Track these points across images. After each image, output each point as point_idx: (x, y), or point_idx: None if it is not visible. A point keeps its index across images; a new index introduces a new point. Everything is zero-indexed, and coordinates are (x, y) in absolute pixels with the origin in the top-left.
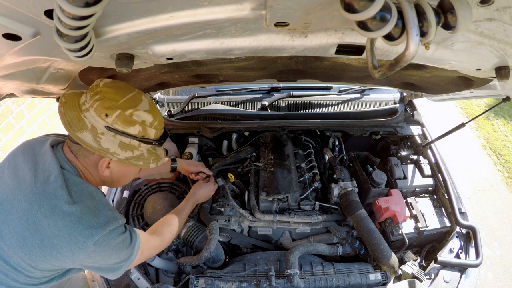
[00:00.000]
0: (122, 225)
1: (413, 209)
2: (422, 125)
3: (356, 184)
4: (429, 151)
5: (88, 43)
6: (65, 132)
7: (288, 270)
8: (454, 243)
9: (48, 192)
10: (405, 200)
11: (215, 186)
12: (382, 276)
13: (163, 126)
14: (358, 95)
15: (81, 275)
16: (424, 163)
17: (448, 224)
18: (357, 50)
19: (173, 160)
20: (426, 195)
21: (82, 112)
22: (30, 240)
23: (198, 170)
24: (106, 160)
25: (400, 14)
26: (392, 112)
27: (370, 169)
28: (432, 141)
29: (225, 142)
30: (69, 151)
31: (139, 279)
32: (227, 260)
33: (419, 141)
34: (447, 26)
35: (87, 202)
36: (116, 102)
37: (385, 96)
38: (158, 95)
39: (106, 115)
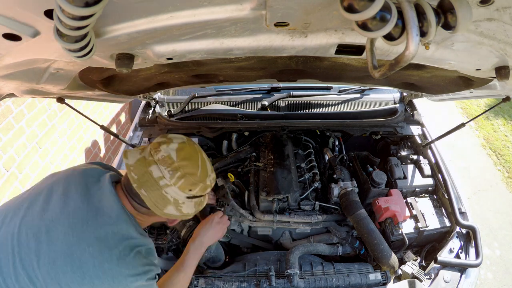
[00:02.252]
0: (156, 275)
1: (413, 209)
2: (422, 125)
3: (356, 184)
4: (429, 151)
5: (88, 43)
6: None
7: (288, 270)
8: (454, 243)
9: (104, 231)
10: (405, 200)
11: (225, 222)
12: (382, 276)
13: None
14: (358, 95)
15: None
16: (424, 163)
17: (448, 224)
18: (357, 50)
19: None
20: (426, 195)
21: (162, 188)
22: (70, 276)
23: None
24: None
25: (400, 14)
26: (392, 112)
27: (370, 169)
28: (432, 141)
29: (225, 142)
30: (128, 204)
31: None
32: (227, 260)
33: (419, 141)
34: (447, 26)
35: (136, 244)
36: (196, 176)
37: (385, 96)
38: (158, 95)
39: (190, 190)
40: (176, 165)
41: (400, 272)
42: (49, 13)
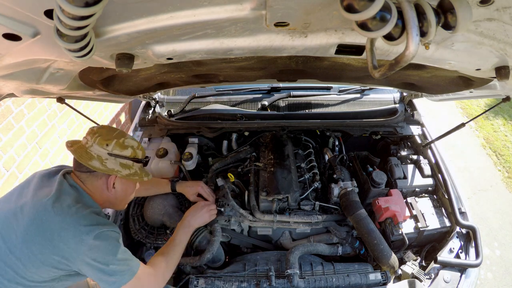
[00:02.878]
0: (120, 236)
1: (413, 209)
2: (422, 125)
3: (356, 184)
4: (429, 151)
5: (88, 43)
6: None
7: (288, 270)
8: (454, 243)
9: (61, 199)
10: (405, 200)
11: (213, 211)
12: (382, 276)
13: (144, 151)
14: (358, 95)
15: (83, 283)
16: (424, 163)
17: (448, 224)
18: (357, 50)
19: (173, 181)
20: (426, 195)
21: (87, 148)
22: (39, 241)
23: (197, 191)
24: (112, 178)
25: (400, 14)
26: (392, 112)
27: (370, 169)
28: (432, 141)
29: (225, 142)
30: (77, 179)
31: None
32: (227, 260)
33: (419, 141)
34: (447, 26)
35: (93, 210)
36: (111, 135)
37: (385, 96)
38: (158, 95)
39: (107, 145)
40: (94, 131)
41: (400, 272)
42: (49, 13)
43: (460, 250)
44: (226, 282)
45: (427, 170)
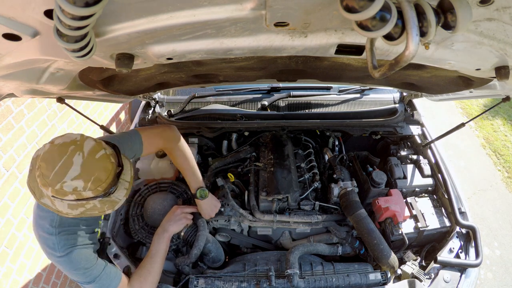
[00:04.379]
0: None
1: (413, 209)
2: (422, 125)
3: (356, 184)
4: (429, 151)
5: (88, 43)
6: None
7: (288, 270)
8: (454, 243)
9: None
10: (405, 200)
11: (189, 215)
12: (382, 276)
13: (104, 180)
14: (358, 95)
15: None
16: (424, 163)
17: (448, 224)
18: (357, 50)
19: (199, 192)
20: (426, 195)
21: (38, 182)
22: None
23: (210, 217)
24: None
25: (400, 14)
26: (392, 112)
27: (370, 169)
28: (432, 141)
29: (225, 142)
30: None
31: None
32: (227, 260)
33: (419, 141)
34: (447, 26)
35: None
36: (48, 178)
37: (385, 96)
38: (158, 95)
39: (46, 190)
40: (37, 164)
41: (400, 272)
42: (49, 13)
43: (460, 250)
44: (226, 282)
45: (427, 170)
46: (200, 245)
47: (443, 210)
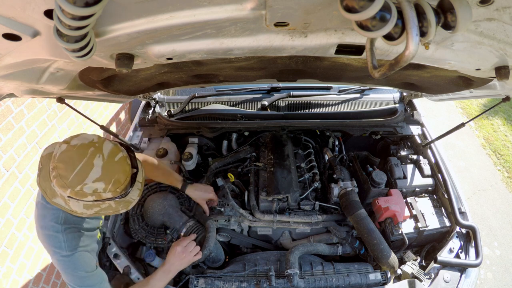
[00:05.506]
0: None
1: (413, 209)
2: (422, 125)
3: (356, 184)
4: (429, 151)
5: (88, 43)
6: None
7: (288, 270)
8: (454, 243)
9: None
10: (405, 200)
11: (197, 249)
12: (382, 276)
13: (122, 181)
14: (358, 95)
15: None
16: (424, 163)
17: (448, 224)
18: (357, 50)
19: (185, 183)
20: (426, 195)
21: (52, 181)
22: None
23: (207, 198)
24: None
25: (400, 14)
26: (392, 112)
27: (370, 169)
28: (432, 141)
29: (225, 142)
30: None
31: (139, 279)
32: (227, 260)
33: (419, 141)
34: (447, 26)
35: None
36: (67, 180)
37: (385, 96)
38: (158, 95)
39: (64, 190)
40: (54, 164)
41: (400, 272)
42: (49, 13)
43: (460, 250)
44: (226, 282)
45: (427, 170)
46: (210, 245)
47: (443, 210)
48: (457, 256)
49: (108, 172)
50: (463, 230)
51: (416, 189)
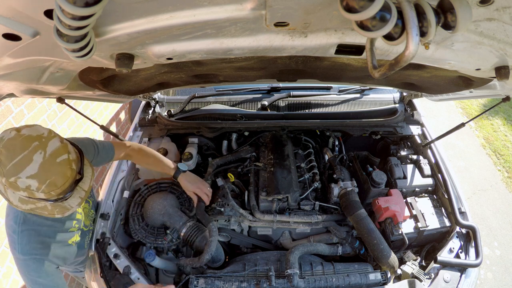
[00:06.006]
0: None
1: (413, 209)
2: (422, 125)
3: (356, 184)
4: (429, 151)
5: (88, 43)
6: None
7: (288, 270)
8: (454, 243)
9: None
10: (405, 200)
11: None
12: (382, 276)
13: (59, 185)
14: (358, 95)
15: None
16: (424, 163)
17: (448, 224)
18: (357, 50)
19: (178, 170)
20: (426, 195)
21: None
22: None
23: (195, 190)
24: None
25: (400, 14)
26: (392, 112)
27: (370, 169)
28: (432, 141)
29: (225, 142)
30: None
31: (139, 279)
32: (227, 260)
33: (419, 141)
34: (447, 26)
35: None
36: (4, 167)
37: (385, 96)
38: (158, 95)
39: (1, 178)
40: (1, 145)
41: (400, 272)
42: (49, 13)
43: (460, 250)
44: (226, 282)
45: (427, 170)
46: (212, 250)
47: (443, 210)
48: (457, 256)
49: (44, 171)
50: (463, 230)
51: (416, 189)
